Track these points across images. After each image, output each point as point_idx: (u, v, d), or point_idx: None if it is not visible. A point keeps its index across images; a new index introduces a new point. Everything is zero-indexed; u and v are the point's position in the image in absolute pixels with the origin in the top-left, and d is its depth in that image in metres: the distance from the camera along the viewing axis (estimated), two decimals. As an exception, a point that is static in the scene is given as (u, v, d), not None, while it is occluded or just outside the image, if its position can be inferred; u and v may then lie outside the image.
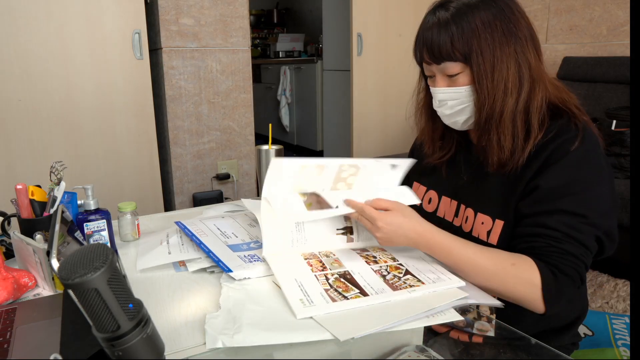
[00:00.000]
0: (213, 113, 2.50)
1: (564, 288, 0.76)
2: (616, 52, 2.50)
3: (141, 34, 2.18)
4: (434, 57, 0.84)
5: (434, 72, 0.87)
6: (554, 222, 0.77)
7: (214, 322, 0.66)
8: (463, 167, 0.95)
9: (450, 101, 0.86)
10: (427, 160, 1.01)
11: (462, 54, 0.81)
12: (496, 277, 0.77)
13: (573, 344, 0.96)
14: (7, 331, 0.66)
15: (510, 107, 0.81)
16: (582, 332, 1.23)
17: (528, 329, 0.73)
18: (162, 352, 0.50)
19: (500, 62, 0.81)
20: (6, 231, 0.97)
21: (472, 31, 0.80)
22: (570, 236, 0.76)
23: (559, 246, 0.76)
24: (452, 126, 0.91)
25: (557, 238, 0.77)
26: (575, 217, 0.77)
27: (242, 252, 0.88)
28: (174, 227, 1.00)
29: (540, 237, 0.78)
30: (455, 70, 0.83)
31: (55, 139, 2.10)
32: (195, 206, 1.84)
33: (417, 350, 0.63)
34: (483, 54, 0.80)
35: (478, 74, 0.81)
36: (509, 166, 0.83)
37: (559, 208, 0.77)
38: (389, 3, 2.87)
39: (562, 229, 0.76)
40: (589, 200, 0.77)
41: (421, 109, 0.99)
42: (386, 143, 3.08)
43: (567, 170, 0.78)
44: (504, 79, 0.81)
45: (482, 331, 0.71)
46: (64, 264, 0.44)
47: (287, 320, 0.68)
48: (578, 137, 0.79)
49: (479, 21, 0.80)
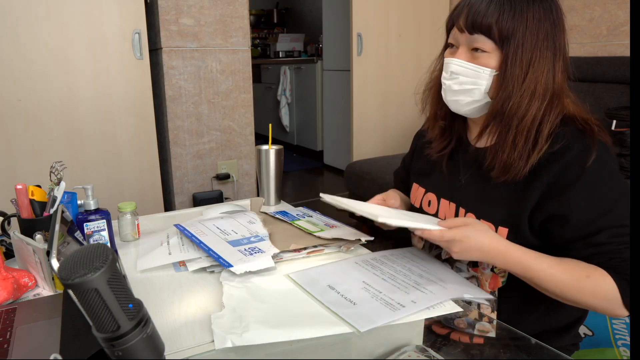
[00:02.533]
0: (213, 113, 2.50)
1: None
2: (616, 52, 2.50)
3: (141, 34, 2.18)
4: (470, 25, 0.80)
5: (459, 42, 0.83)
6: (605, 238, 0.76)
7: (220, 322, 0.66)
8: (461, 168, 0.94)
9: (462, 76, 0.83)
10: (428, 152, 0.99)
11: (501, 36, 0.78)
12: (572, 289, 0.76)
13: (573, 345, 0.95)
14: (7, 331, 0.66)
15: (533, 111, 0.79)
16: (582, 333, 1.22)
17: (528, 329, 0.73)
18: (162, 352, 0.50)
19: (538, 62, 0.78)
20: (6, 231, 0.97)
21: (522, 19, 0.77)
22: (624, 244, 0.75)
23: (620, 256, 0.75)
24: (452, 106, 0.87)
25: (614, 250, 0.75)
26: (621, 228, 0.76)
27: (242, 246, 0.88)
28: (174, 227, 1.00)
29: (598, 255, 0.76)
30: (484, 47, 0.80)
31: (55, 139, 2.10)
32: (195, 206, 1.84)
33: (417, 350, 0.63)
34: (524, 45, 0.78)
35: (512, 65, 0.78)
36: (512, 172, 0.81)
37: (603, 227, 0.76)
38: (389, 3, 2.87)
39: (615, 240, 0.75)
40: (623, 209, 0.76)
41: (433, 88, 0.95)
42: (386, 143, 3.08)
43: (592, 188, 0.77)
44: (535, 81, 0.79)
45: (483, 332, 0.71)
46: (64, 264, 0.44)
47: (292, 316, 0.68)
48: (591, 150, 0.77)
49: (531, 13, 0.78)
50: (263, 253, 0.84)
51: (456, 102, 0.86)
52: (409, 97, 3.00)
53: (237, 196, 2.64)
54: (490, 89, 0.82)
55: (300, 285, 0.79)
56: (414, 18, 2.95)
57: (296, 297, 0.74)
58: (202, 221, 1.02)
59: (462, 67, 0.82)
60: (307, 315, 0.69)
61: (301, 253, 0.90)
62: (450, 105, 0.88)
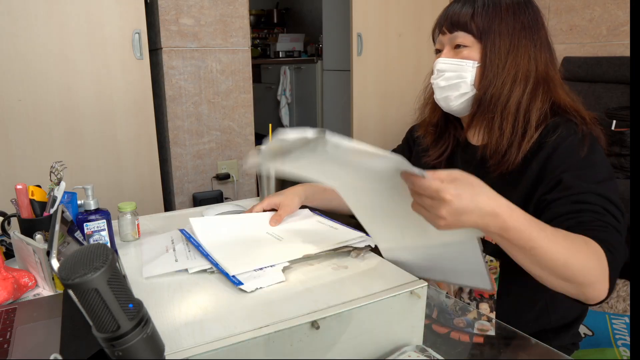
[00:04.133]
0: (213, 113, 2.50)
1: (620, 261, 0.70)
2: (616, 52, 2.50)
3: (141, 34, 2.18)
4: (449, 25, 0.86)
5: (444, 43, 0.89)
6: (593, 199, 0.74)
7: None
8: (461, 167, 0.95)
9: (448, 72, 0.87)
10: (426, 160, 1.01)
11: (479, 30, 0.84)
12: (582, 263, 0.66)
13: (573, 344, 0.96)
14: (7, 331, 0.66)
15: (516, 96, 0.83)
16: (582, 332, 1.22)
17: (528, 329, 0.73)
18: (162, 352, 0.50)
19: (516, 50, 0.83)
20: (6, 231, 0.97)
21: (496, 12, 0.83)
22: (609, 212, 0.73)
23: (603, 220, 0.72)
24: (443, 104, 0.91)
25: (599, 212, 0.73)
26: (607, 200, 0.74)
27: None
28: (178, 232, 0.99)
29: (584, 212, 0.73)
30: (464, 42, 0.85)
31: (55, 139, 2.10)
32: (195, 206, 1.84)
33: (417, 350, 0.63)
34: (501, 36, 0.83)
35: (491, 54, 0.83)
36: (505, 163, 0.83)
37: (593, 191, 0.74)
38: (389, 3, 2.87)
39: (602, 204, 0.73)
40: (611, 189, 0.75)
41: (427, 95, 1.00)
42: (386, 143, 3.08)
43: (583, 167, 0.78)
44: (515, 67, 0.83)
45: (482, 330, 0.71)
46: (64, 264, 0.44)
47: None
48: (582, 140, 0.78)
49: (504, 7, 0.84)
50: (273, 267, 0.83)
51: (446, 99, 0.89)
52: (409, 97, 3.00)
53: (237, 196, 2.64)
54: (475, 81, 0.86)
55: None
56: (414, 18, 2.95)
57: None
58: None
59: (447, 64, 0.87)
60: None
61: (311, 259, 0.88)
62: (441, 104, 0.91)
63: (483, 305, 0.85)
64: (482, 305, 0.85)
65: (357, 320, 0.68)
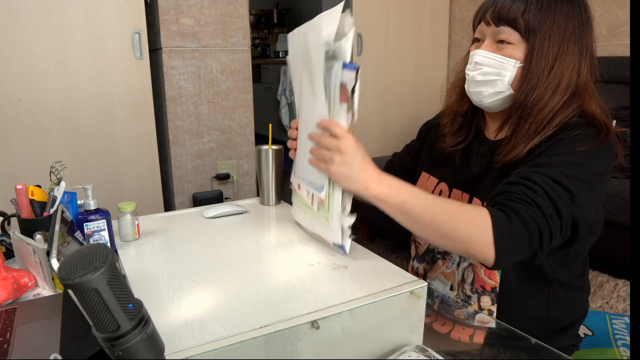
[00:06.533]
0: (213, 113, 2.50)
1: (516, 233, 0.69)
2: (616, 52, 2.50)
3: (141, 34, 2.18)
4: (496, 18, 0.81)
5: (485, 34, 0.84)
6: (539, 179, 0.72)
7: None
8: (475, 159, 0.94)
9: (486, 67, 0.83)
10: (441, 145, 0.99)
11: (527, 28, 0.79)
12: (448, 216, 0.71)
13: (573, 345, 0.96)
14: (7, 331, 0.66)
15: (553, 104, 0.79)
16: (582, 333, 1.23)
17: (528, 329, 0.73)
18: (162, 352, 0.50)
19: (564, 56, 0.79)
20: (6, 231, 0.97)
21: (550, 12, 0.78)
22: (548, 195, 0.71)
23: (532, 197, 0.71)
24: (474, 97, 0.87)
25: (534, 190, 0.72)
26: (562, 188, 0.72)
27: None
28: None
29: (518, 185, 0.73)
30: (509, 39, 0.80)
31: (55, 139, 2.10)
32: (195, 206, 1.84)
33: (417, 350, 0.63)
34: (551, 38, 0.79)
35: (537, 57, 0.79)
36: (512, 153, 0.81)
37: (552, 176, 0.73)
38: (389, 3, 2.87)
39: (544, 186, 0.72)
40: (581, 186, 0.73)
41: (457, 83, 0.95)
42: (386, 143, 3.08)
43: (570, 156, 0.75)
44: (560, 75, 0.79)
45: (483, 323, 0.71)
46: (64, 264, 0.44)
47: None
48: (590, 140, 0.76)
49: (559, 8, 0.79)
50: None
51: (478, 94, 0.85)
52: (409, 97, 3.00)
53: (237, 196, 2.64)
54: (513, 81, 0.82)
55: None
56: (414, 18, 2.95)
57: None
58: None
59: (486, 58, 0.83)
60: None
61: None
62: (472, 97, 0.88)
63: (485, 298, 0.85)
64: (484, 298, 0.85)
65: (357, 320, 0.68)
